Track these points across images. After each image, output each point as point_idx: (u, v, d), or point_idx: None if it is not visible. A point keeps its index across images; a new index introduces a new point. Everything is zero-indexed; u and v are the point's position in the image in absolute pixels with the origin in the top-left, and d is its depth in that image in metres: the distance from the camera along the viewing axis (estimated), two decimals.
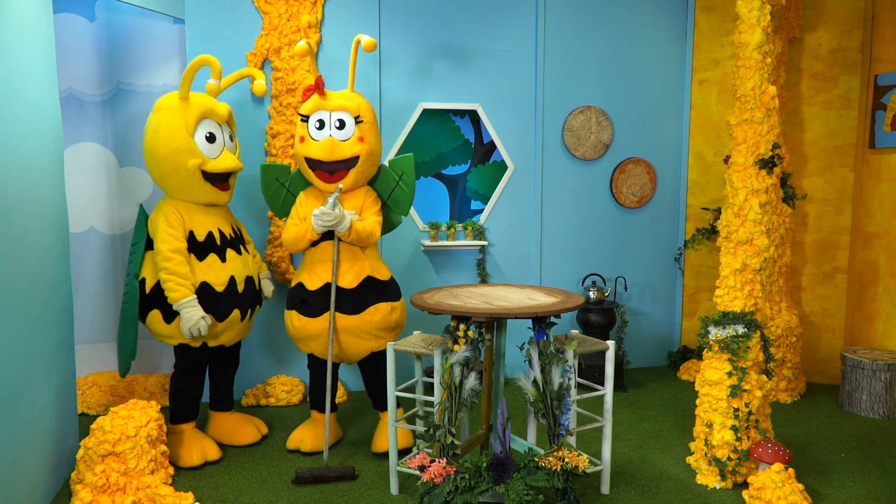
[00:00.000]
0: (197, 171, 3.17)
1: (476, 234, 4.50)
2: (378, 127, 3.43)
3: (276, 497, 2.94)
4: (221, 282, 3.21)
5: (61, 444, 3.01)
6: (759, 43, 3.04)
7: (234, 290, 3.26)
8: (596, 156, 4.72)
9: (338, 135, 3.27)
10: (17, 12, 2.62)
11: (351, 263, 3.30)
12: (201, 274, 3.17)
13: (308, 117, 3.32)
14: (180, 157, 3.13)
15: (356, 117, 3.28)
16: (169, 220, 3.15)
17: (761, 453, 2.88)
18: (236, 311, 3.28)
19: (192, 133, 3.15)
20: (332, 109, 3.29)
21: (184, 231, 3.18)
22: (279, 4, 4.04)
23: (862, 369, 3.95)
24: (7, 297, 2.44)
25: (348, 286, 3.26)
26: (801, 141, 4.54)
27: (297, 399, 4.18)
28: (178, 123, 3.13)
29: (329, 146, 3.25)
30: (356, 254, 3.31)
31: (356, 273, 3.29)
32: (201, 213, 3.26)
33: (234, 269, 3.27)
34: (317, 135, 3.30)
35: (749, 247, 3.12)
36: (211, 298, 3.18)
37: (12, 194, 2.51)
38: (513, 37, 4.51)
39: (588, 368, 4.32)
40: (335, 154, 3.25)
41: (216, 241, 3.26)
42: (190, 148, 3.14)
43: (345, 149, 3.26)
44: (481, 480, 2.55)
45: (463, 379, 2.71)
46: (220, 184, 3.30)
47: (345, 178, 3.28)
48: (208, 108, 3.22)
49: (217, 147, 3.26)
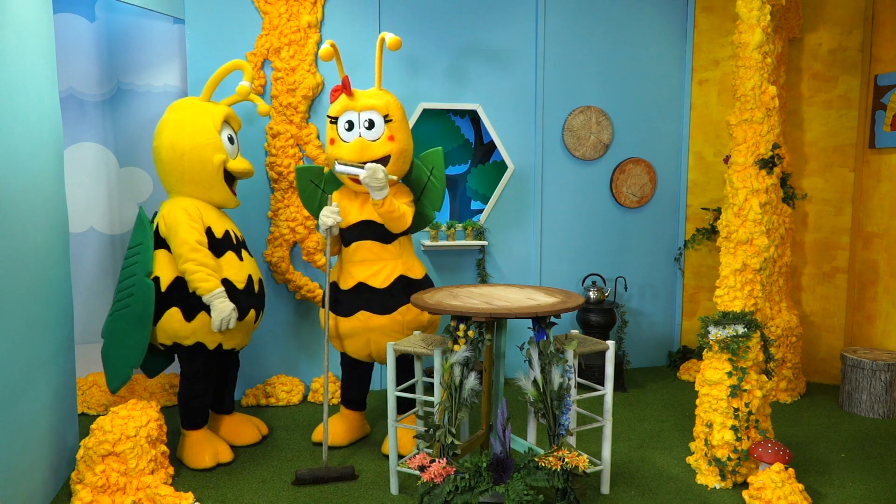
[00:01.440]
0: (221, 168, 3.22)
1: (476, 234, 4.50)
2: (408, 123, 3.42)
3: (277, 497, 2.94)
4: (241, 279, 3.20)
5: (61, 444, 3.01)
6: (759, 43, 3.04)
7: (252, 290, 3.26)
8: (596, 156, 4.72)
9: (368, 135, 3.26)
10: (17, 12, 2.62)
11: (384, 263, 3.31)
12: (221, 271, 3.16)
13: (337, 119, 3.31)
14: (207, 152, 3.18)
15: (385, 116, 3.26)
16: (190, 213, 3.13)
17: (761, 453, 2.88)
18: (252, 311, 3.27)
19: (220, 131, 3.24)
20: (361, 109, 3.27)
21: (202, 226, 3.16)
22: (279, 4, 4.04)
23: (862, 369, 3.95)
24: (7, 297, 2.44)
25: (380, 286, 3.27)
26: (801, 141, 4.54)
27: (297, 399, 4.18)
28: (205, 120, 3.22)
29: (359, 147, 3.24)
30: (389, 252, 3.31)
31: (388, 273, 3.29)
32: (213, 213, 3.27)
33: (250, 269, 3.29)
34: (346, 136, 3.29)
35: (749, 247, 3.12)
36: (232, 295, 3.15)
37: (12, 194, 2.51)
38: (513, 37, 4.51)
39: (588, 368, 4.32)
40: (366, 155, 3.24)
41: (232, 239, 3.27)
42: (217, 143, 3.22)
43: (375, 149, 3.25)
44: (481, 480, 2.55)
45: (463, 379, 2.71)
46: (231, 187, 3.35)
47: None
48: (230, 113, 3.37)
49: (234, 150, 3.37)
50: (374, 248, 3.30)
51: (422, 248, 4.47)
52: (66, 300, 3.10)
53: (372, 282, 3.28)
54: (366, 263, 3.31)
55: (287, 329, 4.31)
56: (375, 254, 3.31)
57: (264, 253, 4.18)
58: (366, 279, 3.29)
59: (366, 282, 3.28)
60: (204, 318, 3.11)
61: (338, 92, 3.35)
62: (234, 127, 3.43)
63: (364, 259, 3.32)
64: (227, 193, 3.31)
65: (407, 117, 3.48)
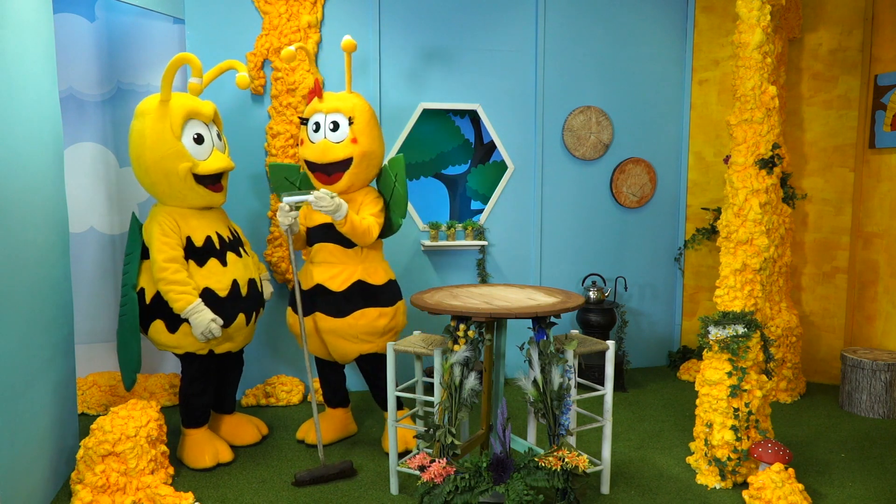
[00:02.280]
0: (188, 175, 3.06)
1: (476, 234, 4.50)
2: (378, 128, 3.42)
3: (277, 497, 2.94)
4: (224, 286, 3.14)
5: (61, 444, 3.01)
6: (759, 43, 3.04)
7: (238, 294, 3.20)
8: (596, 156, 4.72)
9: (332, 137, 3.29)
10: (17, 12, 2.62)
11: (343, 266, 3.30)
12: (203, 280, 3.09)
13: (307, 120, 3.36)
14: (169, 163, 3.02)
15: (349, 119, 3.29)
16: (163, 229, 3.06)
17: (761, 453, 2.88)
18: (241, 315, 3.22)
19: (180, 136, 3.03)
20: (328, 112, 3.31)
21: (180, 238, 3.09)
22: (279, 4, 4.04)
23: (862, 369, 3.95)
24: (7, 297, 2.44)
25: (336, 289, 3.27)
26: (801, 141, 4.54)
27: (297, 399, 4.18)
28: (163, 128, 3.01)
29: (322, 148, 3.28)
30: (350, 256, 3.31)
31: (346, 277, 3.29)
32: (196, 217, 3.18)
33: (235, 273, 3.20)
34: (313, 137, 3.33)
35: (749, 247, 3.12)
36: (215, 304, 3.11)
37: (12, 194, 2.51)
38: (512, 37, 4.51)
39: (588, 368, 4.32)
40: (327, 156, 3.27)
41: (215, 245, 3.18)
42: (179, 152, 3.03)
43: (337, 151, 3.27)
44: (481, 480, 2.55)
45: (463, 379, 2.71)
46: (213, 185, 3.20)
47: (341, 179, 3.30)
48: (192, 109, 3.09)
49: (206, 148, 3.14)
50: (334, 251, 3.30)
51: (422, 249, 4.47)
52: (66, 300, 3.10)
53: (329, 284, 3.28)
54: (325, 265, 3.32)
55: (287, 329, 4.30)
56: (336, 257, 3.30)
57: (264, 253, 4.18)
58: (324, 281, 3.28)
59: (324, 284, 3.28)
60: (186, 328, 3.09)
61: (312, 94, 3.40)
62: (205, 119, 3.16)
63: (324, 261, 3.32)
64: (205, 195, 3.17)
65: (379, 122, 3.49)
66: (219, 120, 3.34)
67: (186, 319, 3.05)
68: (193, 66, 3.14)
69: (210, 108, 3.21)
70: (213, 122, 3.26)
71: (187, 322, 3.06)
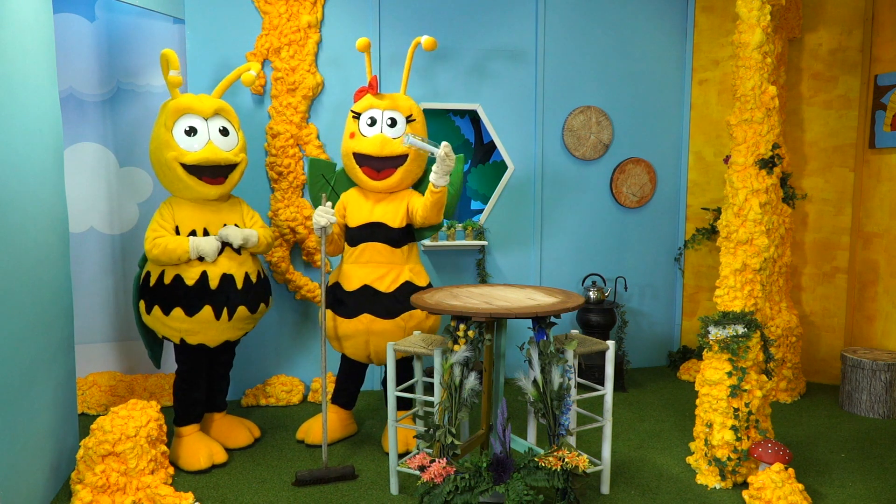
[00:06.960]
0: (175, 164, 3.15)
1: (476, 234, 4.50)
2: (426, 131, 3.48)
3: (276, 497, 2.94)
4: (192, 276, 3.15)
5: (61, 444, 3.01)
6: (759, 43, 3.04)
7: (205, 287, 3.16)
8: (596, 156, 4.72)
9: (389, 132, 3.32)
10: (17, 12, 2.62)
11: (391, 266, 3.33)
12: (173, 267, 3.16)
13: (360, 114, 3.37)
14: (160, 153, 3.19)
15: (408, 116, 3.34)
16: (161, 213, 3.25)
17: (761, 453, 2.88)
18: (207, 307, 3.17)
19: (171, 128, 3.19)
20: (386, 108, 3.34)
21: (172, 224, 3.21)
22: (279, 4, 4.04)
23: (862, 369, 3.95)
24: (7, 297, 2.44)
25: (386, 290, 3.29)
26: (801, 141, 4.54)
27: (296, 399, 4.18)
28: (158, 122, 3.24)
29: (380, 142, 3.29)
30: (398, 256, 3.34)
31: (395, 277, 3.32)
32: (192, 209, 3.24)
33: (227, 267, 3.20)
34: (367, 131, 3.34)
35: (749, 247, 3.12)
36: (180, 292, 3.14)
37: (12, 194, 2.51)
38: (513, 37, 4.51)
39: (588, 368, 4.32)
40: (385, 150, 3.28)
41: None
42: (168, 142, 3.17)
43: (395, 146, 3.29)
44: (481, 480, 2.55)
45: (463, 379, 2.71)
46: (210, 178, 3.21)
47: (392, 175, 3.31)
48: (186, 105, 3.21)
49: (198, 140, 3.19)
50: (383, 250, 3.32)
51: (422, 248, 4.47)
52: (66, 300, 3.10)
53: (378, 285, 3.29)
54: (371, 265, 3.32)
55: (287, 329, 4.31)
56: (384, 256, 3.32)
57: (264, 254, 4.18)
58: (372, 282, 3.30)
59: (372, 284, 3.29)
60: (157, 312, 3.20)
61: (363, 91, 3.43)
62: (202, 114, 3.22)
63: (370, 260, 3.33)
64: (199, 187, 3.20)
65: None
66: (230, 115, 3.36)
67: (157, 304, 3.17)
68: (170, 60, 3.26)
69: (211, 103, 3.27)
70: (218, 118, 3.28)
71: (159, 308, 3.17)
